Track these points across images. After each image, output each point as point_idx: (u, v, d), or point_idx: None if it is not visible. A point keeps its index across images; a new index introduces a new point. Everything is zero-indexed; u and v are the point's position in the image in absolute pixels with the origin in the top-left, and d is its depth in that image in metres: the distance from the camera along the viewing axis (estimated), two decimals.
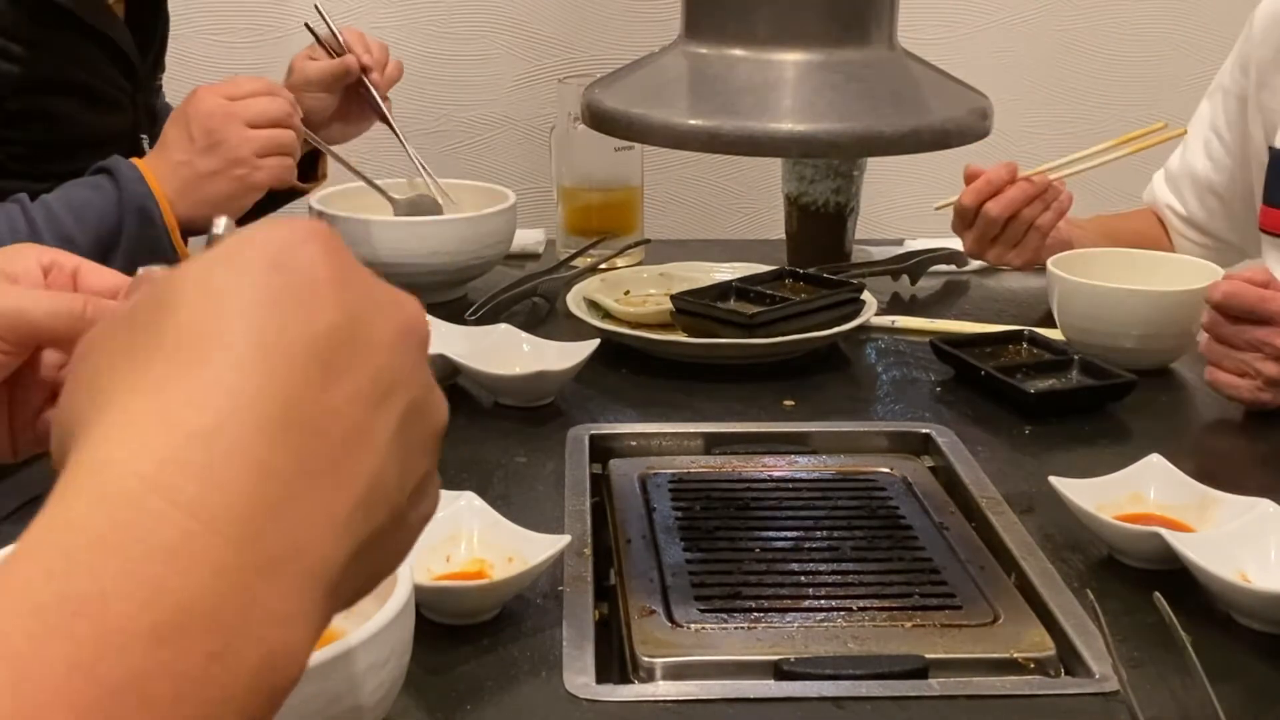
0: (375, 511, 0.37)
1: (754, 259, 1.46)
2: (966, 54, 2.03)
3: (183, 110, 1.24)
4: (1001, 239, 1.44)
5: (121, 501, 0.32)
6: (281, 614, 0.33)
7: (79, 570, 0.31)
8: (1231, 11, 2.00)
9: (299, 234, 0.38)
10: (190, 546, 0.32)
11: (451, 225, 1.41)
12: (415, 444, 0.39)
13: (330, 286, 0.37)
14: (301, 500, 0.34)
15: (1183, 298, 1.19)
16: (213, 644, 0.31)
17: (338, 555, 0.35)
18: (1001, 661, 0.75)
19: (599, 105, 0.79)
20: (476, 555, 0.82)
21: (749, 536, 0.91)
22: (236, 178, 1.23)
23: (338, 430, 0.36)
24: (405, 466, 0.39)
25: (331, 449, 0.36)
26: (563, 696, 0.72)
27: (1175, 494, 0.89)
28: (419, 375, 0.40)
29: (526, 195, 1.65)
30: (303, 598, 0.34)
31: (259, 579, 0.33)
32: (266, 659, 0.32)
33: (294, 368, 0.35)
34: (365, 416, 0.37)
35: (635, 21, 2.02)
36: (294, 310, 0.36)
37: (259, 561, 0.33)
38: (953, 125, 0.76)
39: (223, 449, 0.33)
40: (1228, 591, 0.77)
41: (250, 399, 0.34)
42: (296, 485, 0.34)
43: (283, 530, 0.34)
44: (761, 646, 0.76)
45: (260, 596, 0.33)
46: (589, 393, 1.16)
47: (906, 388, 1.20)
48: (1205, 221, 1.53)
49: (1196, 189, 1.53)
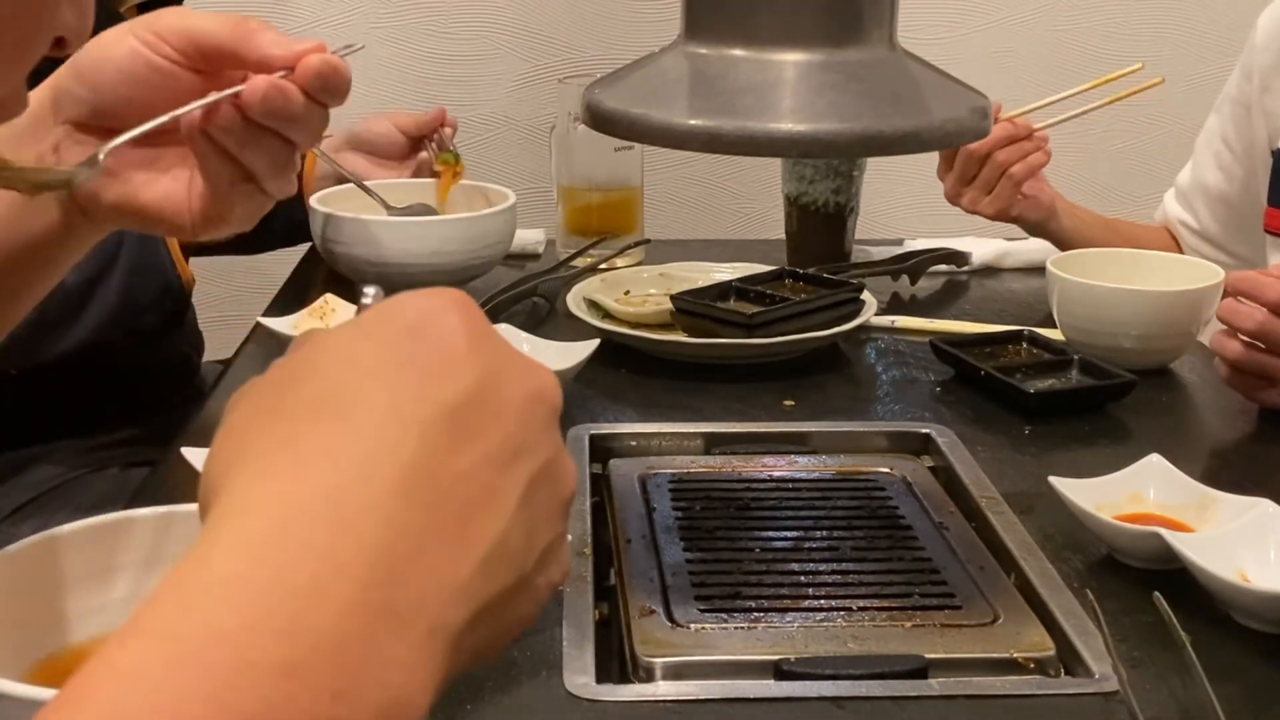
0: (499, 573, 0.38)
1: (754, 259, 1.46)
2: (966, 54, 2.03)
3: None
4: (977, 182, 1.44)
5: (259, 545, 0.34)
6: (403, 661, 0.34)
7: (217, 605, 0.33)
8: (1231, 12, 2.00)
9: (438, 302, 0.40)
10: (321, 588, 0.33)
11: (451, 225, 1.41)
12: (542, 509, 0.41)
13: (466, 354, 0.39)
14: (427, 557, 0.36)
15: (1183, 298, 1.19)
16: (337, 682, 0.32)
17: (460, 613, 0.37)
18: (1001, 661, 0.75)
19: (599, 105, 0.79)
20: None
21: (749, 536, 0.91)
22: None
23: (465, 492, 0.38)
24: (532, 531, 0.40)
25: (458, 510, 0.37)
26: (563, 696, 0.72)
27: (1175, 494, 0.89)
28: (549, 441, 0.41)
29: (526, 195, 1.65)
30: (424, 650, 0.35)
31: (383, 625, 0.34)
32: (387, 704, 0.33)
33: (426, 430, 0.37)
34: (493, 480, 0.38)
35: (635, 21, 2.02)
36: (429, 376, 0.38)
37: (384, 609, 0.34)
38: (953, 125, 0.76)
39: (354, 503, 0.35)
40: (1227, 591, 0.77)
41: (382, 459, 0.36)
42: (423, 542, 0.36)
43: (408, 583, 0.35)
44: (761, 646, 0.76)
45: (384, 642, 0.34)
46: (589, 393, 1.16)
47: (906, 388, 1.20)
48: (1219, 234, 1.52)
49: (1208, 201, 1.52)
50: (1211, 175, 1.51)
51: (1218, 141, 1.51)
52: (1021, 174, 1.43)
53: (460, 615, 0.37)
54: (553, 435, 0.42)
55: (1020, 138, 1.43)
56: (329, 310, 1.26)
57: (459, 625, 0.36)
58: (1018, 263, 1.58)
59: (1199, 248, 1.53)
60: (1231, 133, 1.48)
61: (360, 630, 0.33)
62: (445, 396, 0.38)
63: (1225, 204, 1.50)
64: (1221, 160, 1.50)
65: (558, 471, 0.42)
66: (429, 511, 0.36)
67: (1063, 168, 1.51)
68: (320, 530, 0.34)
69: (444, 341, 0.39)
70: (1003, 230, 1.66)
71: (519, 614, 0.41)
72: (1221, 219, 1.51)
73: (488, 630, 0.39)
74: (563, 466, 0.42)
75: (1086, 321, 1.22)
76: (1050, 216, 1.47)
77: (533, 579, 0.41)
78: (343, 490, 0.35)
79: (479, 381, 0.39)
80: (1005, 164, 1.42)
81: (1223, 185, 1.50)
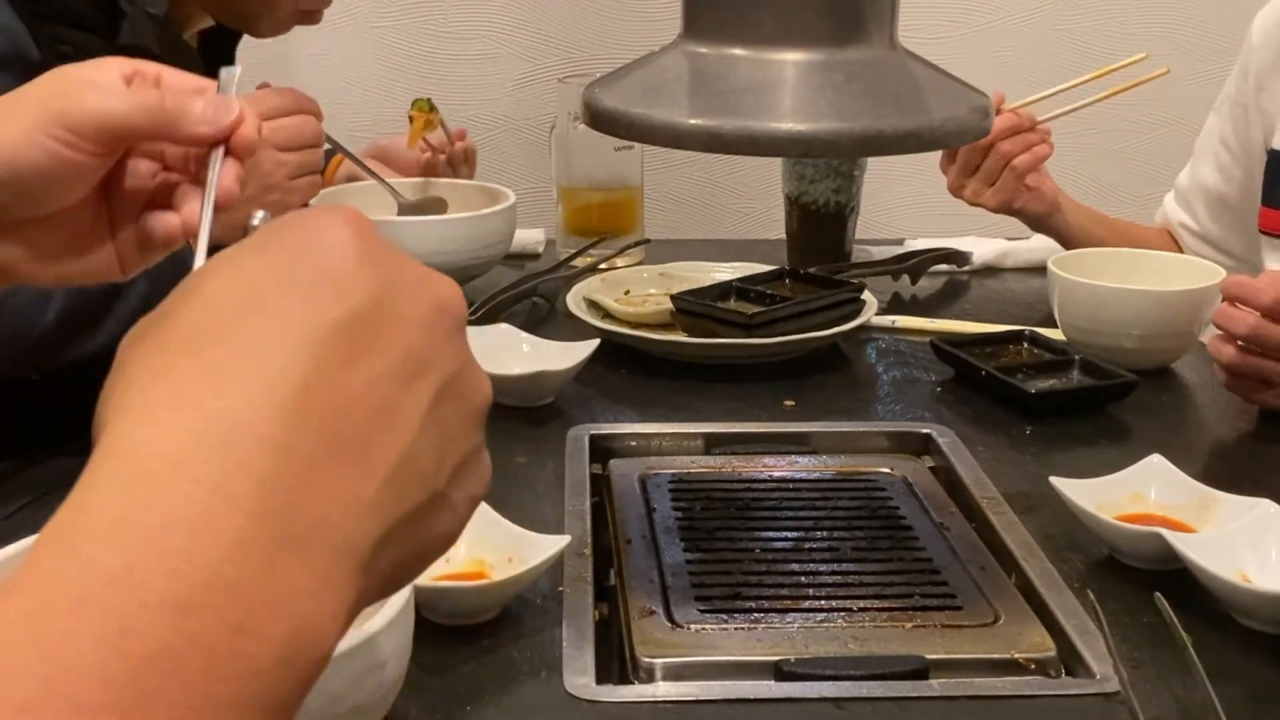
0: (409, 490, 0.37)
1: (754, 259, 1.46)
2: (966, 54, 2.03)
3: None
4: (980, 174, 1.44)
5: (143, 481, 0.33)
6: (307, 588, 0.33)
7: (105, 547, 0.31)
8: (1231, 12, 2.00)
9: (328, 220, 0.38)
10: (211, 521, 0.32)
11: (451, 225, 1.42)
12: (453, 423, 0.39)
13: (356, 269, 0.37)
14: (324, 479, 0.35)
15: (1183, 298, 1.19)
16: (237, 615, 0.32)
17: (367, 533, 0.35)
18: (1002, 662, 0.75)
19: (599, 105, 0.79)
20: (476, 556, 0.81)
21: (749, 537, 0.91)
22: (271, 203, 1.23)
23: (363, 411, 0.36)
24: (442, 446, 0.39)
25: (358, 429, 0.36)
26: (563, 697, 0.71)
27: (1176, 494, 0.89)
28: (454, 353, 0.40)
29: (526, 195, 1.65)
30: (330, 573, 0.34)
31: (281, 553, 0.33)
32: (293, 632, 0.33)
33: (316, 350, 0.36)
34: (393, 396, 0.37)
35: (635, 21, 2.02)
36: (316, 294, 0.36)
37: (281, 536, 0.33)
38: (953, 125, 0.76)
39: (242, 431, 0.34)
40: (1228, 592, 0.77)
41: (270, 383, 0.35)
42: (319, 464, 0.34)
43: (305, 507, 0.34)
44: (761, 647, 0.76)
45: (283, 570, 0.33)
46: (589, 393, 1.16)
47: (907, 388, 1.20)
48: (1218, 235, 1.52)
49: (1208, 202, 1.52)
50: (1210, 176, 1.51)
51: (1216, 142, 1.51)
52: (1025, 165, 1.42)
53: (369, 535, 0.35)
54: (458, 347, 0.40)
55: (1024, 129, 1.43)
56: None
57: (368, 545, 0.35)
58: (1018, 263, 1.58)
59: (1199, 249, 1.53)
60: (1230, 133, 1.48)
61: (257, 561, 0.32)
62: (335, 314, 0.36)
63: (1224, 205, 1.50)
64: (1220, 161, 1.50)
65: (467, 383, 0.40)
66: (324, 433, 0.35)
67: (1064, 167, 1.51)
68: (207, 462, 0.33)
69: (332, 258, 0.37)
70: (1004, 230, 1.66)
71: (437, 531, 0.39)
72: (1220, 220, 1.51)
73: (404, 549, 0.38)
74: (472, 378, 0.40)
75: (1087, 321, 1.22)
76: (1053, 210, 1.47)
77: (449, 495, 0.39)
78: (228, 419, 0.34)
79: (372, 296, 0.37)
80: (1009, 155, 1.42)
81: (1221, 186, 1.50)
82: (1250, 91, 1.43)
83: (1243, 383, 1.08)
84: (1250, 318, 1.04)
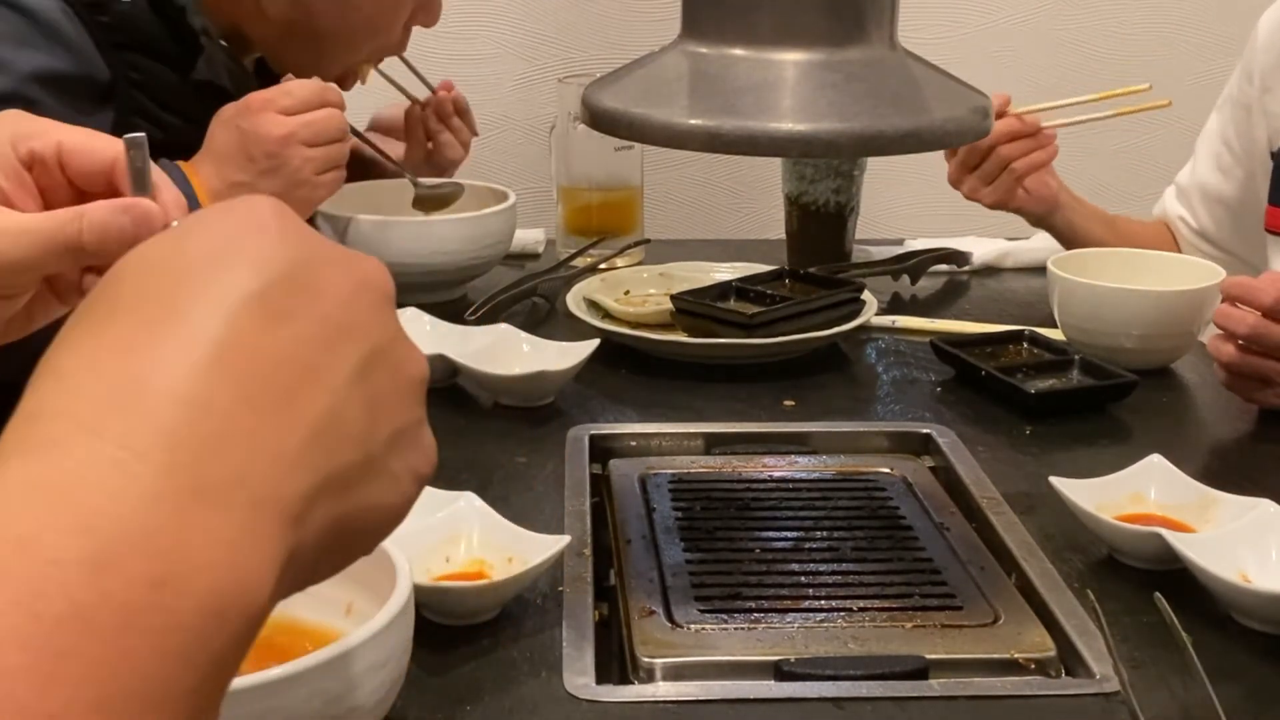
0: (339, 449, 0.37)
1: (754, 259, 1.46)
2: (966, 54, 2.02)
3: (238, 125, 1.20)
4: (978, 172, 1.44)
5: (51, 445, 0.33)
6: (226, 539, 0.33)
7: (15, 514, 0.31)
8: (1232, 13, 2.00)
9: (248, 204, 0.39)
10: (120, 476, 0.32)
11: (451, 225, 1.41)
12: (386, 391, 0.40)
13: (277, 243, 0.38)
14: (241, 432, 0.34)
15: (1183, 298, 1.19)
16: (152, 569, 0.31)
17: (293, 487, 0.35)
18: (1002, 662, 0.75)
19: (599, 105, 0.79)
20: (476, 556, 0.81)
21: (749, 537, 0.91)
22: (298, 198, 1.23)
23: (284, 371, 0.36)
24: (373, 410, 0.39)
25: (278, 386, 0.36)
26: (563, 697, 0.71)
27: (1176, 494, 0.89)
28: (381, 325, 0.40)
29: (526, 195, 1.65)
30: (252, 524, 0.34)
31: (196, 505, 0.33)
32: (214, 583, 0.32)
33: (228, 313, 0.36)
34: (314, 357, 0.37)
35: (635, 21, 2.02)
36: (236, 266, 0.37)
37: (194, 488, 0.33)
38: (953, 125, 0.76)
39: (153, 388, 0.34)
40: (1228, 592, 0.77)
41: (185, 344, 0.35)
42: (236, 418, 0.34)
43: (221, 459, 0.34)
44: (761, 647, 0.76)
45: (198, 522, 0.32)
46: (589, 393, 1.16)
47: (907, 388, 1.20)
48: (1216, 234, 1.52)
49: (1206, 201, 1.52)
50: (1211, 176, 1.51)
51: (1218, 142, 1.51)
52: (1023, 170, 1.43)
53: (294, 487, 0.35)
54: (386, 320, 0.41)
55: (1025, 134, 1.43)
56: None
57: (295, 497, 0.35)
58: (1018, 263, 1.58)
59: (1197, 245, 1.54)
60: (1232, 134, 1.48)
61: (169, 514, 0.32)
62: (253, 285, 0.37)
63: (1223, 205, 1.50)
64: (1221, 161, 1.50)
65: (399, 354, 0.41)
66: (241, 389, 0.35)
67: (1063, 167, 1.51)
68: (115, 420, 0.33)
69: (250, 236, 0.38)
70: (1004, 230, 1.66)
71: (376, 499, 0.39)
72: (1219, 219, 1.51)
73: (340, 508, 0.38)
74: (403, 350, 0.41)
75: (1087, 321, 1.22)
76: (1052, 210, 1.47)
77: (386, 461, 0.39)
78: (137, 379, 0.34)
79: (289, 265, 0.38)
80: (1008, 159, 1.42)
81: (1222, 186, 1.50)
82: (1254, 92, 1.43)
83: (1242, 382, 1.08)
84: (1250, 317, 1.04)
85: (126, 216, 0.60)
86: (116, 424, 0.33)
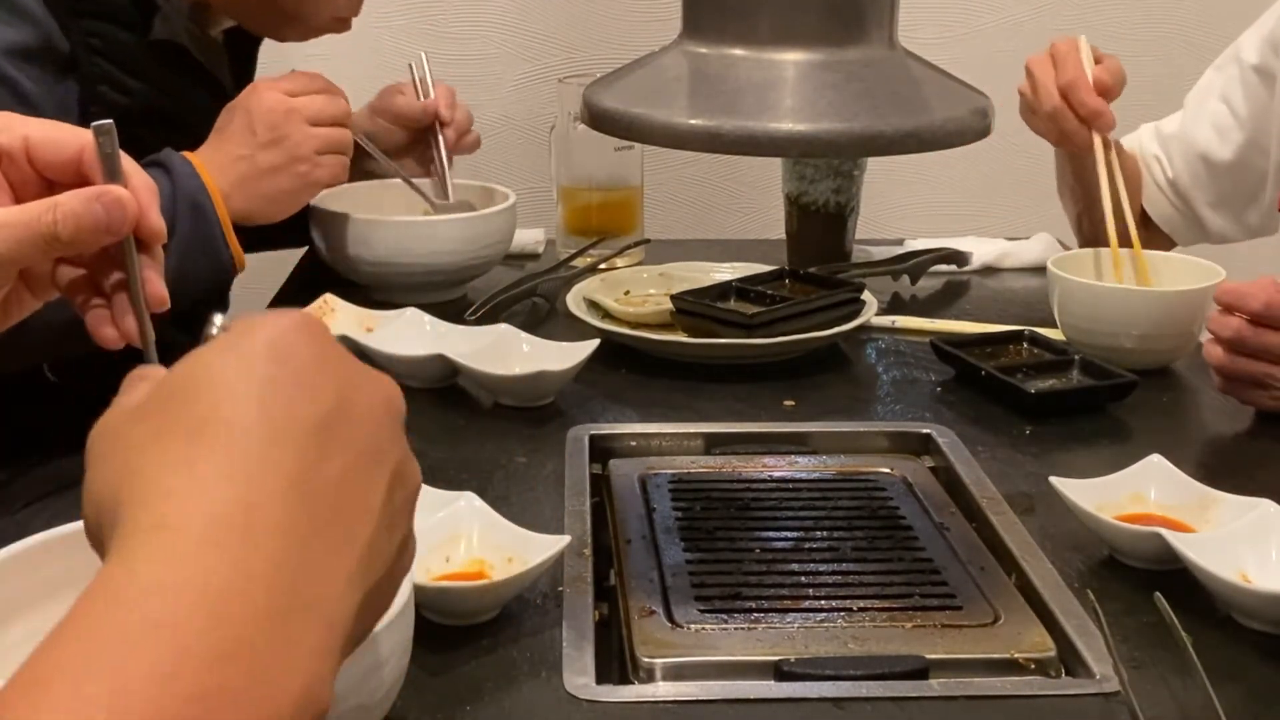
0: (374, 566, 0.43)
1: (754, 259, 1.46)
2: (966, 54, 2.03)
3: (244, 104, 1.22)
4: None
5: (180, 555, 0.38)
6: (315, 649, 0.39)
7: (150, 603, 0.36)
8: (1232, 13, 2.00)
9: (289, 325, 0.44)
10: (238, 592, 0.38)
11: (451, 225, 1.41)
12: (399, 506, 0.45)
13: (318, 373, 0.43)
14: (317, 558, 0.40)
15: (1183, 298, 1.19)
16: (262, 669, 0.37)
17: (349, 605, 0.41)
18: (1002, 662, 0.75)
19: (599, 105, 0.79)
20: (476, 555, 0.81)
21: (749, 537, 0.91)
22: (299, 174, 1.24)
23: (339, 497, 0.42)
24: (393, 525, 0.45)
25: (335, 513, 0.42)
26: (563, 697, 0.72)
27: (1176, 494, 0.89)
28: (398, 445, 0.46)
29: (526, 195, 1.65)
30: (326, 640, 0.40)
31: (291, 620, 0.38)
32: (305, 687, 0.38)
33: (298, 445, 0.41)
34: (360, 482, 0.43)
35: (635, 21, 2.02)
36: (292, 397, 0.42)
37: (292, 607, 0.39)
38: (953, 125, 0.76)
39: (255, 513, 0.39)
40: (1228, 592, 0.77)
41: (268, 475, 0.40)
42: (312, 545, 0.40)
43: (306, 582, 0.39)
44: (761, 647, 0.76)
45: (295, 635, 0.38)
46: (589, 393, 1.16)
47: (907, 388, 1.20)
48: (1188, 188, 1.49)
49: (1187, 156, 1.49)
50: (1202, 133, 1.48)
51: (1214, 100, 1.47)
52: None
53: (350, 606, 0.41)
54: (401, 439, 0.46)
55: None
56: (329, 310, 1.25)
57: (349, 615, 0.41)
58: (1018, 263, 1.58)
59: (1162, 191, 1.50)
60: (1239, 96, 1.44)
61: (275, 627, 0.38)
62: (310, 413, 0.42)
63: (1206, 163, 1.47)
64: (1218, 120, 1.46)
65: (408, 471, 0.46)
66: (311, 517, 0.41)
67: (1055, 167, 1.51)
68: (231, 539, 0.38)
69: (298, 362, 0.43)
70: (1004, 230, 1.66)
71: (384, 603, 0.46)
72: (1196, 175, 1.48)
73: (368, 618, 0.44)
74: (410, 466, 0.46)
75: (1087, 321, 1.22)
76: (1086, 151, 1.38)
77: (394, 570, 0.46)
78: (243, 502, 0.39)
79: (337, 396, 0.43)
80: None
81: (1212, 144, 1.46)
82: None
83: (1236, 386, 1.09)
84: (1235, 321, 1.05)
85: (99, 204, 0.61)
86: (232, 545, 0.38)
